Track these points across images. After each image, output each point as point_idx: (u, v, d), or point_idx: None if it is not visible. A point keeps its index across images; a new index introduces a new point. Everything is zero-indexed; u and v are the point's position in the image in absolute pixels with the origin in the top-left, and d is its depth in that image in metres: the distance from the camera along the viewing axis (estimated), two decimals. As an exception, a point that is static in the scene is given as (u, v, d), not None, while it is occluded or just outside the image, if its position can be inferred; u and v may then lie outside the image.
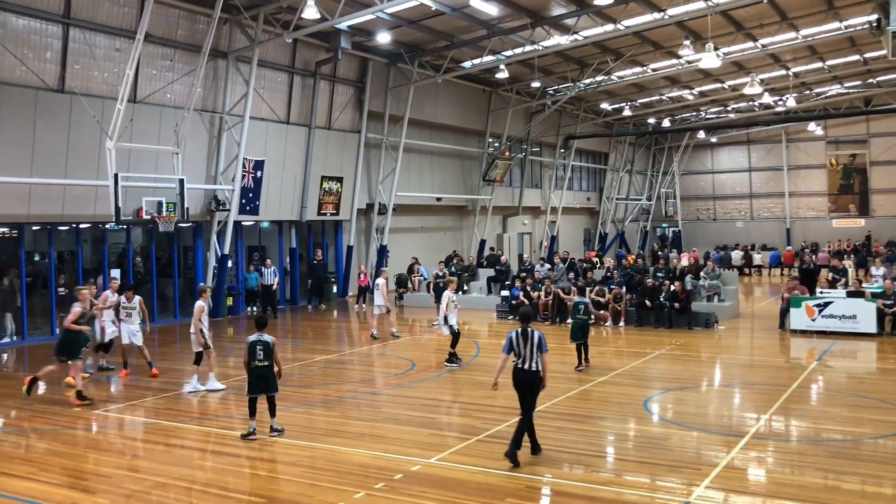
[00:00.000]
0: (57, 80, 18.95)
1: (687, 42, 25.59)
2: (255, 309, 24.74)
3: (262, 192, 24.00)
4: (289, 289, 27.37)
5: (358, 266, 27.90)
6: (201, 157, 22.80)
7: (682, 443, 9.99)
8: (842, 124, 45.62)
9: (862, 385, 13.77)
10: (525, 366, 9.19)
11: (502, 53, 28.05)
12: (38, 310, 20.37)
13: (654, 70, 32.74)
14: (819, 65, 34.32)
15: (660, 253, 38.10)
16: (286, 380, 14.08)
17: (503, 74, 28.95)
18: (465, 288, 26.08)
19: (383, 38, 24.80)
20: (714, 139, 50.54)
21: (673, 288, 20.51)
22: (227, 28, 22.44)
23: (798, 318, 19.03)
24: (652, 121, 45.06)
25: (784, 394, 12.49)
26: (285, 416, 11.34)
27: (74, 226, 20.72)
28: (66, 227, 20.81)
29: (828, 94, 40.83)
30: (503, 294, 23.79)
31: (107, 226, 21.04)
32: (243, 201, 23.48)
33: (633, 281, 22.11)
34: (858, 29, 27.47)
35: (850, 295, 19.20)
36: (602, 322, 20.64)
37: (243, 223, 25.18)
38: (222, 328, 21.35)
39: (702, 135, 49.30)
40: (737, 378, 14.69)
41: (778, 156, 49.03)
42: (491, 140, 36.17)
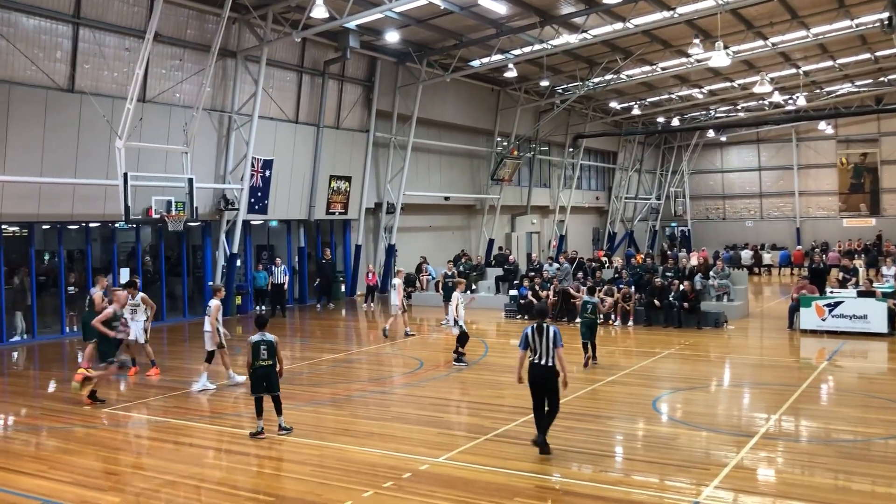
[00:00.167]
0: (67, 79, 19.03)
1: (697, 41, 25.49)
2: (263, 308, 24.79)
3: (271, 191, 24.05)
4: (297, 288, 27.41)
5: (366, 265, 27.94)
6: (210, 156, 22.86)
7: (691, 443, 9.94)
8: (852, 123, 45.35)
9: (873, 385, 13.69)
10: (540, 361, 9.30)
11: (511, 52, 28.01)
12: (48, 309, 20.47)
13: (663, 69, 32.61)
14: (830, 63, 34.13)
15: (669, 252, 38.03)
16: (295, 378, 14.16)
17: (512, 73, 28.89)
18: (474, 287, 26.06)
19: (392, 37, 24.80)
20: (724, 138, 50.34)
21: (682, 287, 20.44)
22: (236, 27, 22.49)
23: (808, 317, 18.93)
24: (661, 120, 44.90)
25: (794, 394, 12.43)
26: (294, 415, 11.36)
27: (84, 225, 20.80)
28: (76, 227, 20.90)
29: (838, 93, 40.60)
30: (511, 293, 23.76)
31: (116, 225, 21.12)
32: (252, 200, 23.53)
33: (642, 280, 22.04)
34: (870, 27, 27.29)
35: (860, 295, 19.09)
36: (610, 322, 20.62)
37: (252, 222, 25.24)
38: (231, 327, 21.36)
39: (711, 134, 49.10)
40: (746, 378, 14.62)
41: (788, 155, 48.79)
42: (499, 139, 36.13)
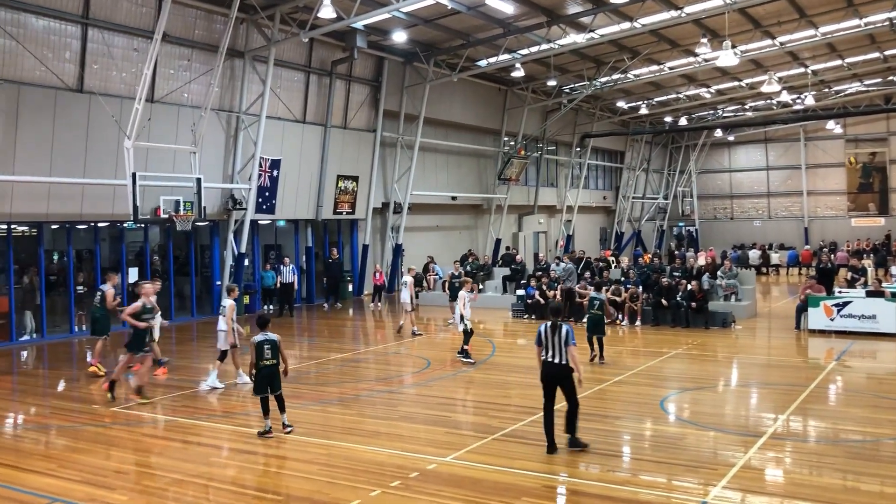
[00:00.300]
0: (76, 80, 19.11)
1: (704, 40, 25.43)
2: (271, 307, 24.86)
3: (279, 191, 24.09)
4: (305, 287, 27.46)
5: (373, 265, 27.98)
6: (218, 156, 22.92)
7: (699, 443, 9.93)
8: (861, 122, 45.19)
9: (882, 386, 13.63)
10: (554, 359, 9.38)
11: (518, 52, 28.00)
12: (57, 308, 20.57)
13: (670, 68, 32.56)
14: (838, 62, 34.01)
15: (676, 252, 37.95)
16: (302, 378, 14.21)
17: (519, 73, 28.88)
18: (481, 287, 26.07)
19: (399, 36, 24.82)
20: (731, 137, 50.20)
21: (690, 287, 20.39)
22: (243, 28, 22.55)
23: (816, 317, 18.87)
24: (669, 119, 44.82)
25: (802, 394, 12.39)
26: (302, 414, 11.39)
27: (93, 224, 20.88)
28: (85, 226, 20.98)
29: (847, 92, 40.46)
30: (519, 293, 23.75)
31: (125, 224, 21.19)
32: (260, 200, 23.58)
33: (649, 280, 22.00)
34: (878, 26, 27.20)
35: (869, 295, 19.01)
36: (617, 322, 20.61)
37: (260, 222, 25.30)
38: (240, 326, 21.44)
39: (719, 133, 48.96)
40: (754, 378, 14.59)
41: (796, 154, 48.64)
42: (506, 139, 36.11)
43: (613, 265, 26.13)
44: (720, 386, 14.01)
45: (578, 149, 42.27)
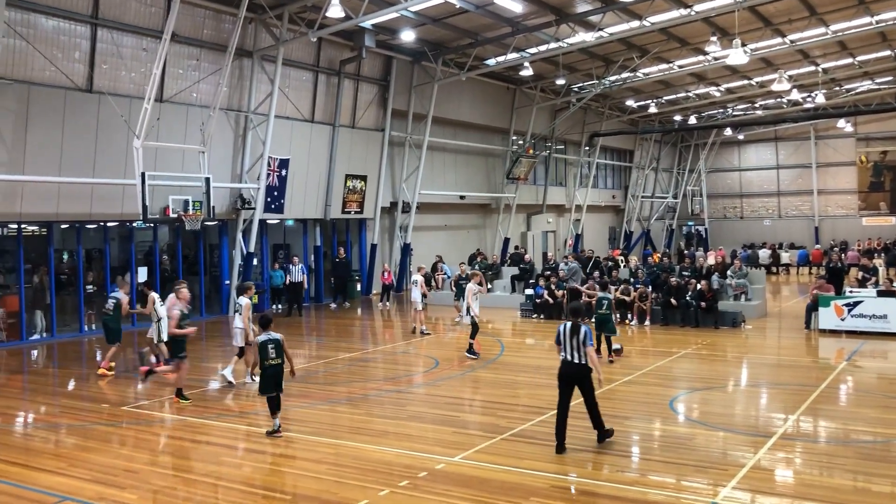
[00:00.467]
0: (85, 80, 19.18)
1: (714, 38, 25.33)
2: (280, 306, 24.90)
3: (287, 190, 24.12)
4: (313, 287, 27.50)
5: (382, 264, 28.00)
6: (227, 155, 22.97)
7: (708, 443, 9.89)
8: (872, 121, 44.92)
9: (893, 386, 13.53)
10: (572, 359, 9.47)
11: (527, 51, 27.96)
12: (67, 307, 20.65)
13: (680, 67, 32.42)
14: (849, 60, 33.80)
15: (686, 251, 37.82)
16: (311, 377, 14.23)
17: (527, 72, 28.81)
18: (490, 286, 26.03)
19: (407, 36, 24.81)
20: (741, 136, 49.99)
21: (699, 287, 20.32)
22: (252, 27, 22.58)
23: (827, 317, 18.76)
24: (678, 118, 44.67)
25: (812, 394, 12.32)
26: (310, 413, 11.41)
27: (102, 224, 20.95)
28: (94, 226, 21.06)
29: (858, 91, 40.20)
30: (527, 293, 23.72)
31: (134, 224, 21.26)
32: (268, 200, 23.62)
33: (658, 280, 21.94)
34: (890, 24, 27.03)
35: (880, 294, 18.89)
36: (626, 322, 20.58)
37: (268, 221, 25.34)
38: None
39: (728, 132, 48.74)
40: (764, 378, 14.52)
41: (806, 153, 48.40)
42: (515, 138, 36.07)
43: (622, 265, 26.07)
44: (730, 386, 13.95)
45: (587, 148, 42.18)
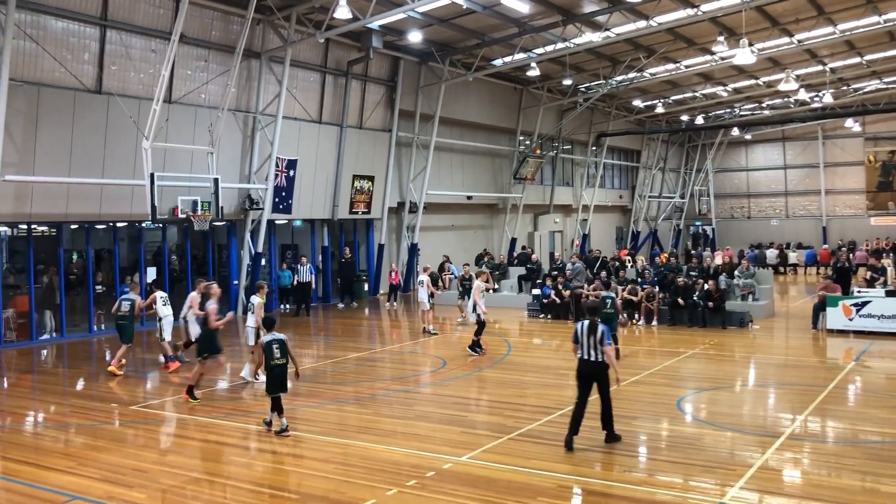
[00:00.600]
0: (94, 81, 19.28)
1: (721, 38, 25.24)
2: (288, 306, 24.94)
3: (295, 190, 24.17)
4: (321, 287, 27.56)
5: (389, 264, 28.03)
6: (235, 156, 23.05)
7: (716, 443, 9.88)
8: (880, 120, 44.71)
9: (901, 386, 13.51)
10: (589, 358, 9.58)
11: (533, 51, 27.95)
12: (76, 307, 20.76)
13: (687, 67, 32.35)
14: (857, 60, 33.65)
15: (693, 251, 37.74)
16: (319, 376, 14.28)
17: (534, 72, 28.79)
18: (496, 286, 26.09)
19: (414, 36, 24.85)
20: (748, 136, 49.83)
21: (707, 287, 20.29)
22: (260, 28, 22.65)
23: (835, 317, 18.71)
24: (685, 118, 44.55)
25: (820, 394, 12.30)
26: (318, 413, 11.45)
27: (111, 224, 21.05)
28: (104, 226, 21.15)
29: (866, 90, 40.02)
30: (534, 293, 23.72)
31: (143, 224, 21.35)
32: (276, 200, 23.69)
33: (666, 280, 21.92)
34: (898, 23, 26.93)
35: (888, 294, 18.83)
36: (633, 322, 20.57)
37: (276, 222, 25.41)
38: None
39: (736, 132, 48.63)
40: (772, 378, 14.49)
41: (814, 153, 48.22)
42: (522, 138, 36.06)
43: (629, 265, 26.05)
44: (737, 386, 13.92)
45: (594, 148, 42.12)
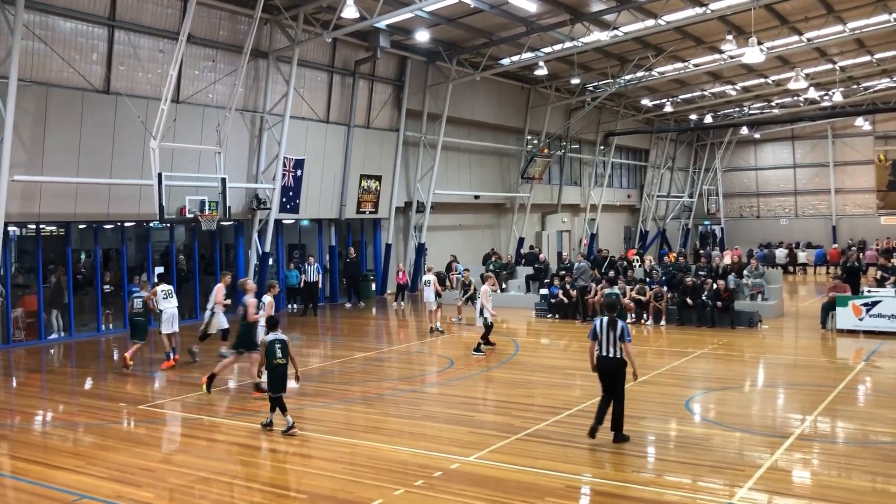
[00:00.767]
0: (102, 81, 19.33)
1: (730, 37, 25.14)
2: (295, 306, 24.97)
3: (303, 190, 24.20)
4: (328, 286, 27.58)
5: (396, 264, 28.03)
6: (243, 156, 23.08)
7: (725, 443, 9.83)
8: (890, 119, 44.49)
9: (912, 386, 13.42)
10: (608, 354, 9.64)
11: (541, 50, 27.89)
12: (84, 307, 20.82)
13: (695, 65, 32.23)
14: (867, 58, 33.47)
15: (702, 251, 37.62)
16: (326, 376, 14.28)
17: (542, 71, 28.74)
18: (504, 286, 26.06)
19: (422, 36, 24.83)
20: (757, 135, 49.66)
21: (715, 286, 20.20)
22: (267, 28, 22.68)
23: (845, 317, 18.61)
24: (693, 117, 44.41)
25: (830, 395, 12.23)
26: (326, 413, 11.43)
27: (119, 224, 21.11)
28: (112, 226, 21.22)
29: (876, 88, 39.79)
30: (542, 292, 23.68)
31: (151, 224, 21.40)
32: (284, 200, 23.71)
33: (674, 279, 21.84)
34: (908, 21, 26.75)
35: (899, 294, 18.75)
36: (641, 322, 20.51)
37: (284, 221, 25.44)
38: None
39: (745, 131, 48.45)
40: (781, 378, 14.41)
41: (824, 152, 48.00)
42: (529, 137, 36.01)
43: (637, 264, 25.97)
44: (746, 386, 13.85)
45: (602, 147, 42.02)
